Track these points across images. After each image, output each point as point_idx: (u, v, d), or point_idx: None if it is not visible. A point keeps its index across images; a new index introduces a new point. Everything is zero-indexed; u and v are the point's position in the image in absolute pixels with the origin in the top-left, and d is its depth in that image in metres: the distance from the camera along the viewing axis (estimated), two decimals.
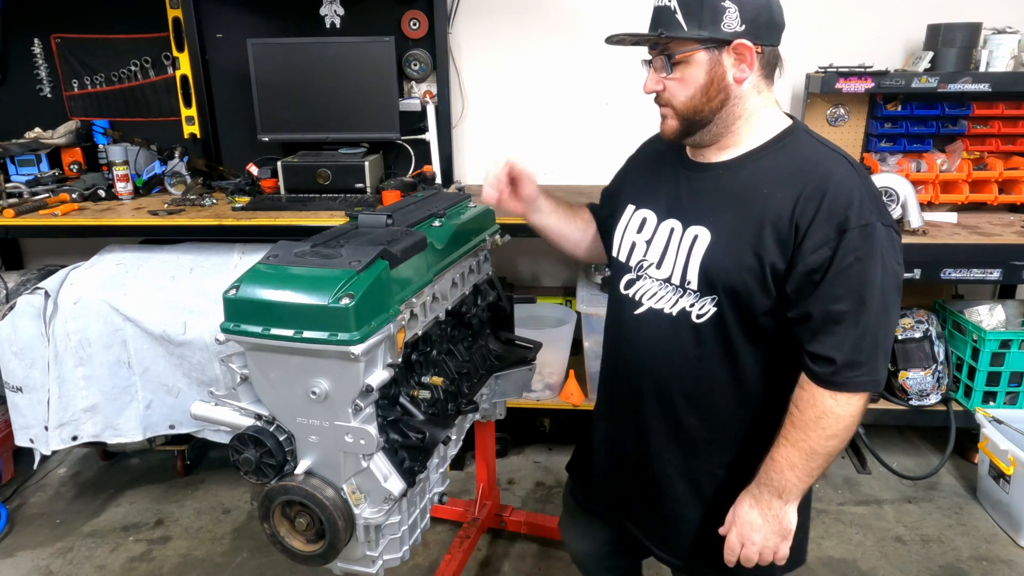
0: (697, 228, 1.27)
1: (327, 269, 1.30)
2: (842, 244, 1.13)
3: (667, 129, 1.30)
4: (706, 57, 1.21)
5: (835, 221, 1.13)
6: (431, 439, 1.46)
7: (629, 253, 1.39)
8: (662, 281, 1.32)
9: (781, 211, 1.17)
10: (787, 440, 1.22)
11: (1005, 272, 2.48)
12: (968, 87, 2.55)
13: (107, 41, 3.01)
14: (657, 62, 1.25)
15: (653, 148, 1.49)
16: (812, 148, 1.24)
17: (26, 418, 2.41)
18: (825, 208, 1.14)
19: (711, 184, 1.29)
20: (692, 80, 1.23)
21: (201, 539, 2.55)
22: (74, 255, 2.68)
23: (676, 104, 1.25)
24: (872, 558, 2.40)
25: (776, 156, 1.24)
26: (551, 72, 3.00)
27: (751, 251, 1.20)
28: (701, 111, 1.24)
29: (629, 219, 1.41)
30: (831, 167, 1.19)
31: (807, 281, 1.16)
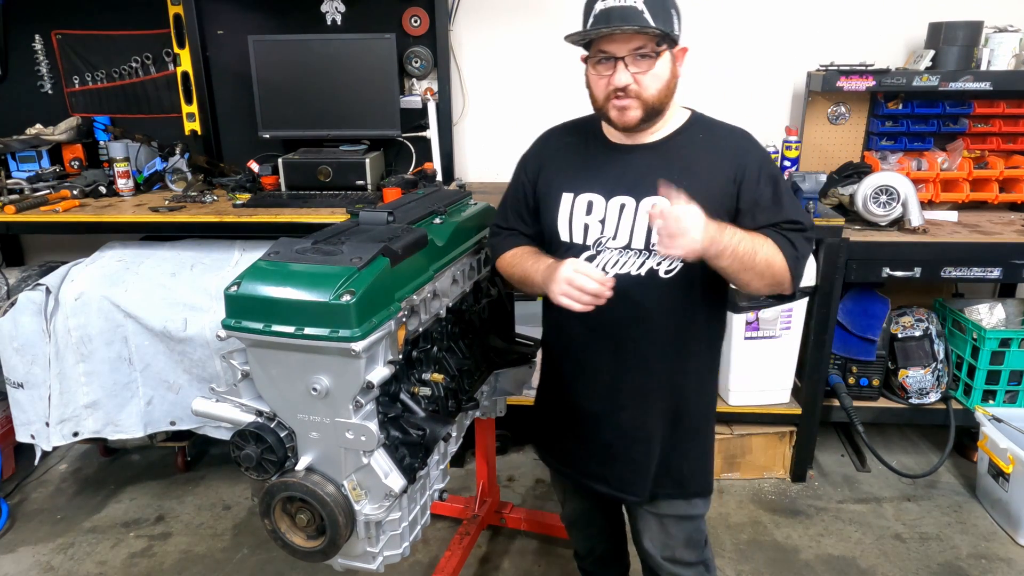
0: (654, 198, 1.43)
1: (328, 266, 1.30)
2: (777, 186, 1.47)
3: (629, 119, 1.43)
4: (668, 55, 1.42)
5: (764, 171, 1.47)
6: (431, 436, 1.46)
7: (584, 234, 1.52)
8: (621, 249, 1.49)
9: (723, 171, 1.46)
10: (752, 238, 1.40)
11: (1005, 271, 2.48)
12: (969, 85, 2.55)
13: (108, 37, 3.01)
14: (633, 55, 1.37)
15: (560, 142, 1.65)
16: (718, 125, 1.54)
17: (27, 414, 2.41)
18: (752, 163, 1.46)
19: (654, 161, 1.49)
20: (660, 74, 1.41)
21: (202, 535, 2.56)
22: (75, 251, 2.68)
23: (646, 96, 1.41)
24: (871, 556, 2.41)
25: (696, 134, 1.51)
26: (552, 69, 2.99)
27: (709, 208, 1.36)
28: (663, 102, 1.44)
29: (572, 206, 1.53)
30: (739, 135, 1.52)
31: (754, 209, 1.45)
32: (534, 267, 1.55)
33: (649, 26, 1.33)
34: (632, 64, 1.38)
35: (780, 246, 1.43)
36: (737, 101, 2.89)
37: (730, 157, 1.47)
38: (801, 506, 2.66)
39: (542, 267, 1.51)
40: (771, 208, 1.46)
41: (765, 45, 2.87)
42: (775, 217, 1.45)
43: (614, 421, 1.60)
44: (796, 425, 2.74)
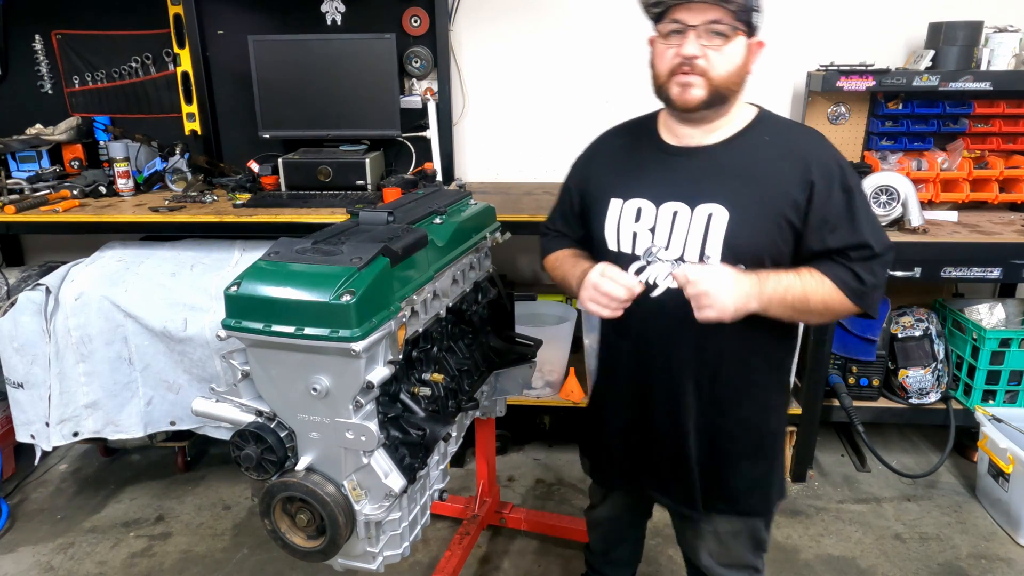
0: (709, 207, 1.35)
1: (328, 266, 1.30)
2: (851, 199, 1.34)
3: (691, 98, 1.33)
4: (744, 41, 1.33)
5: (837, 183, 1.34)
6: (431, 436, 1.46)
7: (632, 243, 1.43)
8: (674, 261, 1.39)
9: (790, 179, 1.34)
10: (800, 278, 1.34)
11: (1005, 271, 2.48)
12: (969, 85, 2.55)
13: (108, 37, 3.01)
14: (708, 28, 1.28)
15: (612, 144, 1.56)
16: (788, 127, 1.45)
17: (27, 414, 2.41)
18: (824, 170, 1.34)
19: (712, 165, 1.38)
20: (733, 56, 1.31)
21: (202, 535, 2.56)
22: (75, 252, 2.68)
23: (713, 74, 1.31)
24: (871, 556, 2.41)
25: (761, 135, 1.40)
26: (552, 69, 3.00)
27: (771, 221, 1.33)
28: (729, 88, 1.34)
29: (621, 212, 1.44)
30: (812, 140, 1.40)
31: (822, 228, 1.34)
32: (572, 271, 1.53)
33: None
34: (704, 37, 1.29)
35: (841, 282, 1.34)
36: None
37: (799, 163, 1.34)
38: (801, 506, 2.66)
39: (579, 272, 1.48)
40: (841, 228, 1.34)
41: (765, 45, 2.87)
42: (845, 239, 1.33)
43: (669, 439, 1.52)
44: (796, 425, 2.74)
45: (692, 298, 1.28)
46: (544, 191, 2.86)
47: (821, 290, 1.34)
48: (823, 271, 1.36)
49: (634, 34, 2.89)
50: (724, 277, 1.27)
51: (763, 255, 1.36)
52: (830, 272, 1.35)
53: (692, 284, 1.27)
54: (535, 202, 2.68)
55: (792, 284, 1.33)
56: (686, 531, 1.66)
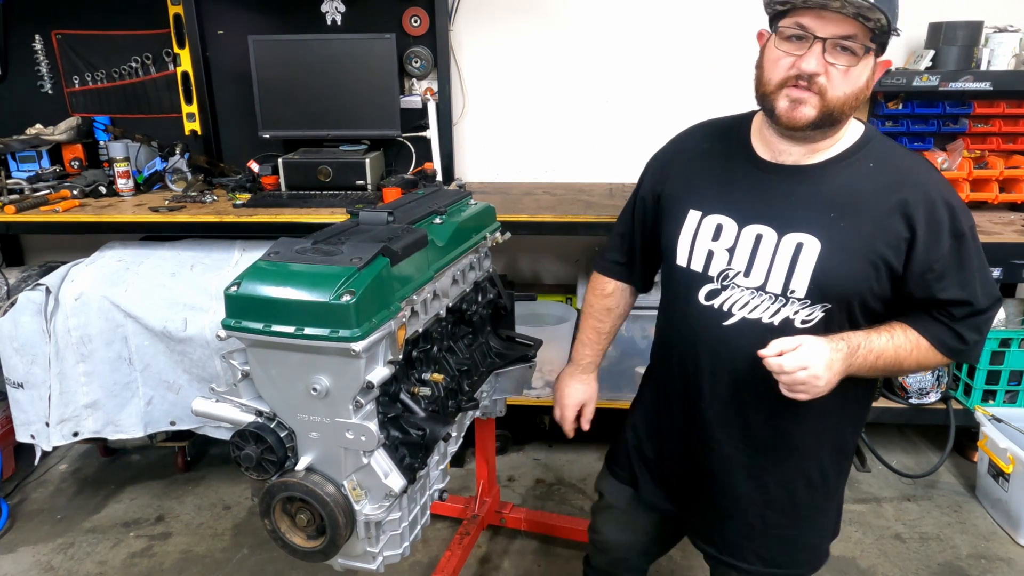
0: (800, 235, 1.23)
1: (328, 266, 1.30)
2: (961, 247, 1.21)
3: (801, 117, 1.18)
4: (871, 62, 1.19)
5: (946, 226, 1.20)
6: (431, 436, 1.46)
7: (707, 262, 1.32)
8: (754, 290, 1.28)
9: (893, 215, 1.20)
10: (893, 340, 1.24)
11: (1005, 271, 2.48)
12: (969, 85, 2.54)
13: (108, 37, 3.01)
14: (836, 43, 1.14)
15: (698, 147, 1.41)
16: (894, 152, 1.27)
17: (27, 414, 2.41)
18: (933, 210, 1.19)
19: (807, 188, 1.25)
20: (856, 78, 1.18)
21: (202, 535, 2.56)
22: (75, 252, 2.68)
23: (830, 96, 1.16)
24: (871, 556, 2.41)
25: (865, 161, 1.25)
26: (552, 70, 3.00)
27: (866, 260, 1.21)
28: (844, 111, 1.20)
29: (698, 226, 1.33)
30: (922, 172, 1.24)
31: (926, 276, 1.22)
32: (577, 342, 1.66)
33: (874, 7, 1.10)
34: (830, 53, 1.14)
35: (939, 343, 1.24)
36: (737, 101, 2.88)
37: (904, 197, 1.19)
38: None
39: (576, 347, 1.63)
40: (948, 279, 1.21)
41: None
42: (949, 292, 1.21)
43: (727, 483, 1.42)
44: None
45: (785, 384, 1.18)
46: (544, 191, 2.86)
47: (916, 353, 1.24)
48: (919, 329, 1.25)
49: (634, 34, 2.91)
50: (821, 363, 1.15)
51: (852, 296, 1.24)
52: (928, 331, 1.25)
53: (789, 375, 1.16)
54: (535, 202, 2.68)
55: (885, 349, 1.23)
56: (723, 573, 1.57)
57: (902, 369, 1.27)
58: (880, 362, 1.23)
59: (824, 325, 1.25)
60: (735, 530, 1.45)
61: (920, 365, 1.28)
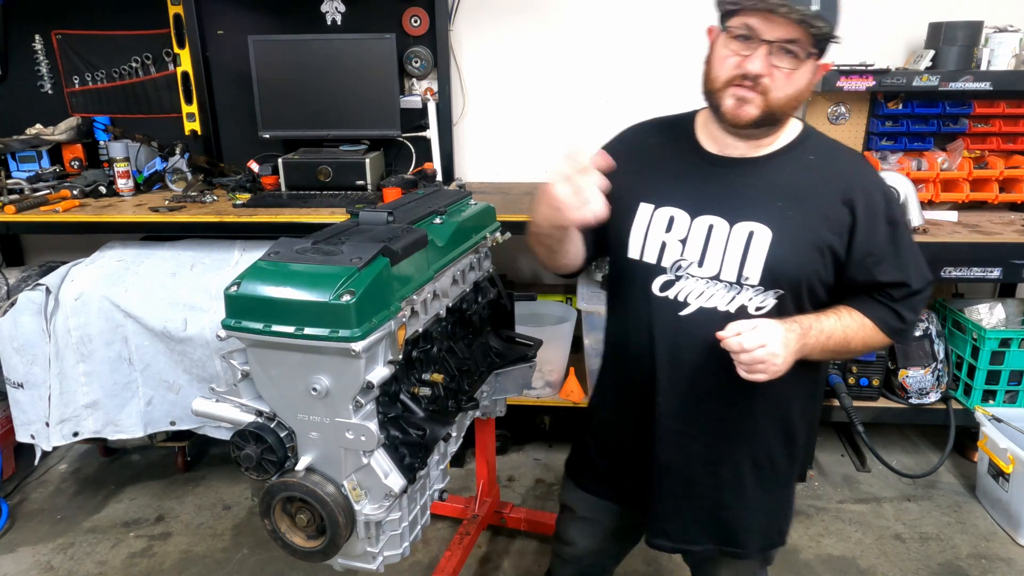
0: (751, 224, 1.28)
1: (328, 266, 1.30)
2: (896, 232, 1.30)
3: (744, 115, 1.23)
4: (812, 66, 1.23)
5: (882, 214, 1.29)
6: (431, 436, 1.46)
7: (660, 254, 1.34)
8: (708, 279, 1.31)
9: (834, 204, 1.28)
10: (841, 321, 1.31)
11: (1005, 271, 2.48)
12: (969, 85, 2.54)
13: (108, 37, 3.01)
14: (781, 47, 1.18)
15: (645, 142, 1.44)
16: (832, 147, 1.36)
17: (27, 414, 2.41)
18: (869, 198, 1.28)
19: (755, 180, 1.31)
20: (798, 80, 1.22)
21: (202, 535, 2.56)
22: (75, 252, 2.68)
23: (773, 96, 1.22)
24: (871, 556, 2.41)
25: (805, 155, 1.32)
26: (552, 69, 3.00)
27: (814, 246, 1.27)
28: (786, 111, 1.26)
29: (651, 219, 1.35)
30: (858, 165, 1.35)
31: (866, 260, 1.29)
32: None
33: (818, 16, 1.14)
34: (775, 56, 1.18)
35: (881, 322, 1.31)
36: None
37: (844, 188, 1.28)
38: (801, 506, 2.66)
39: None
40: (886, 263, 1.29)
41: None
42: (889, 275, 1.30)
43: (684, 471, 1.43)
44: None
45: (744, 363, 1.21)
46: None
47: (862, 332, 1.31)
48: (862, 310, 1.32)
49: (634, 34, 2.91)
50: (778, 341, 1.19)
51: (802, 281, 1.29)
52: (870, 312, 1.32)
53: (749, 353, 1.19)
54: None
55: (834, 330, 1.29)
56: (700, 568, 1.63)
57: (849, 350, 1.33)
58: (831, 342, 1.29)
59: (777, 311, 1.30)
60: (687, 516, 1.48)
61: (866, 345, 1.35)
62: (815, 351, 1.28)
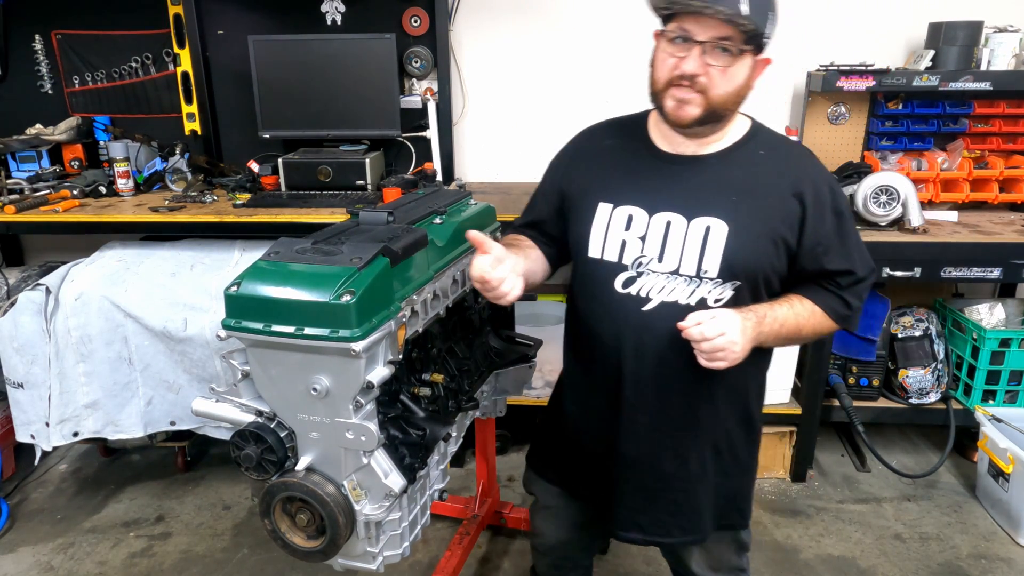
0: (707, 219, 1.32)
1: (328, 266, 1.30)
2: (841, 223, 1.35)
3: (686, 115, 1.29)
4: (750, 61, 1.28)
5: (829, 205, 1.34)
6: (431, 436, 1.46)
7: (620, 252, 1.38)
8: (669, 274, 1.35)
9: (785, 198, 1.33)
10: (793, 309, 1.36)
11: (1005, 271, 2.48)
12: (969, 85, 2.55)
13: (108, 37, 3.01)
14: (715, 45, 1.23)
15: (600, 143, 1.49)
16: (780, 141, 1.42)
17: (27, 414, 2.42)
18: (817, 192, 1.33)
19: (709, 176, 1.35)
20: (735, 76, 1.27)
21: (202, 535, 2.56)
22: (75, 252, 2.68)
23: (712, 95, 1.26)
24: (871, 556, 2.41)
25: (755, 150, 1.37)
26: (552, 69, 3.00)
27: (768, 238, 1.32)
28: (727, 108, 1.30)
29: (610, 218, 1.39)
30: (804, 158, 1.40)
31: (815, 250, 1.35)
32: None
33: (743, 16, 1.19)
34: (709, 55, 1.24)
35: (830, 310, 1.37)
36: None
37: (794, 181, 1.33)
38: (801, 506, 2.66)
39: None
40: (832, 251, 1.35)
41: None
42: (836, 263, 1.35)
43: (653, 464, 1.47)
44: (796, 425, 2.74)
45: (705, 352, 1.24)
46: None
47: (812, 320, 1.37)
48: (812, 298, 1.38)
49: (633, 34, 2.91)
50: (736, 329, 1.23)
51: (758, 272, 1.34)
52: (820, 300, 1.38)
53: (710, 341, 1.23)
54: None
55: (787, 318, 1.34)
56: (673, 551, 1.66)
57: (800, 336, 1.39)
58: (784, 330, 1.34)
59: (734, 302, 1.35)
60: (658, 508, 1.50)
61: (815, 332, 1.40)
62: (770, 338, 1.34)
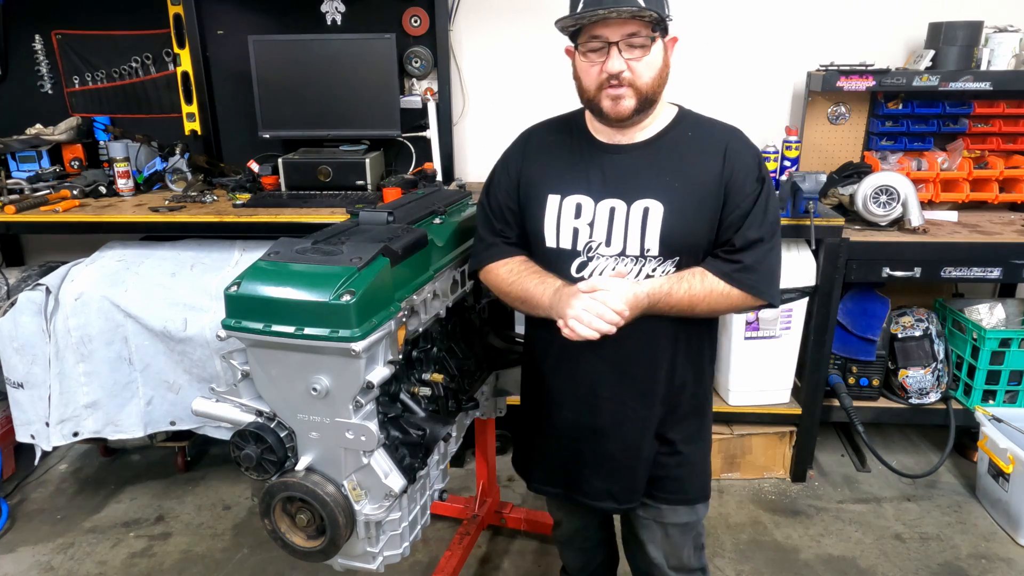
0: (645, 202, 1.41)
1: (328, 266, 1.30)
2: (762, 190, 1.42)
3: (623, 109, 1.38)
4: (660, 43, 1.38)
5: (753, 175, 1.42)
6: (431, 436, 1.46)
7: (573, 239, 1.46)
8: (616, 256, 1.44)
9: (711, 174, 1.41)
10: (688, 286, 1.41)
11: (1005, 271, 2.48)
12: (969, 85, 2.55)
13: (108, 37, 3.01)
14: (627, 42, 1.33)
15: (544, 139, 1.58)
16: (708, 123, 1.49)
17: (27, 414, 2.42)
18: (743, 165, 1.42)
19: (645, 161, 1.44)
20: (654, 62, 1.37)
21: (202, 535, 2.56)
22: (75, 252, 2.68)
23: (640, 84, 1.36)
24: (871, 556, 2.41)
25: (684, 133, 1.46)
26: (552, 69, 2.99)
27: (701, 213, 1.41)
28: (656, 92, 1.40)
29: (560, 208, 1.47)
30: (731, 133, 1.46)
31: (737, 219, 1.41)
32: (539, 288, 1.45)
33: (644, 9, 1.29)
34: (626, 51, 1.34)
35: (731, 280, 1.41)
36: (737, 101, 2.89)
37: (720, 157, 1.42)
38: (801, 506, 2.66)
39: (550, 290, 1.42)
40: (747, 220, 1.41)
41: (765, 45, 2.87)
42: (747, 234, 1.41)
43: (617, 435, 1.54)
44: (796, 425, 2.74)
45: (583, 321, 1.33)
46: None
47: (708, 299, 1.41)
48: (711, 269, 1.42)
49: None
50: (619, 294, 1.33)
51: (696, 247, 1.43)
52: (717, 269, 1.42)
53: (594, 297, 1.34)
54: None
55: (673, 292, 1.39)
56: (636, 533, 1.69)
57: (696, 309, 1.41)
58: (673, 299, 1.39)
59: None
60: (628, 477, 1.58)
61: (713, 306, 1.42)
62: (657, 309, 1.40)
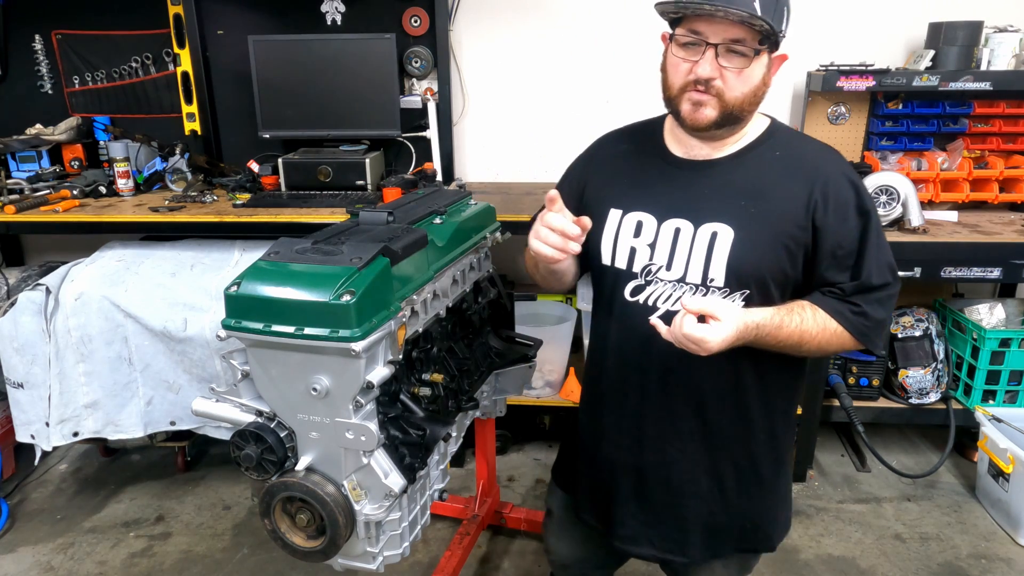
0: (714, 225, 1.28)
1: (328, 266, 1.30)
2: (869, 225, 1.26)
3: (702, 119, 1.24)
4: (765, 59, 1.24)
5: (851, 206, 1.26)
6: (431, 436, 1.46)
7: (630, 259, 1.35)
8: (675, 282, 1.31)
9: (796, 202, 1.26)
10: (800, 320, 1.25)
11: (1005, 271, 2.48)
12: (969, 85, 2.54)
13: (108, 37, 3.01)
14: (728, 47, 1.19)
15: (615, 150, 1.47)
16: (799, 141, 1.36)
17: (27, 414, 2.41)
18: (838, 194, 1.25)
19: (719, 180, 1.31)
20: (750, 77, 1.23)
21: (202, 535, 2.56)
22: (75, 251, 2.68)
23: (729, 97, 1.23)
24: (871, 556, 2.41)
25: (771, 151, 1.31)
26: (552, 69, 3.00)
27: (779, 243, 1.26)
28: (745, 110, 1.26)
29: (619, 224, 1.36)
30: (826, 157, 1.31)
31: (843, 259, 1.26)
32: None
33: (757, 17, 1.14)
34: (723, 57, 1.20)
35: (845, 322, 1.26)
36: None
37: (810, 182, 1.25)
38: (801, 506, 2.66)
39: None
40: (851, 259, 1.25)
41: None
42: (868, 279, 1.25)
43: (661, 476, 1.42)
44: (796, 425, 2.74)
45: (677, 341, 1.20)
46: (544, 191, 2.85)
47: (819, 337, 1.26)
48: (824, 307, 1.27)
49: (634, 34, 2.91)
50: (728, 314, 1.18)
51: (767, 279, 1.28)
52: (838, 312, 1.27)
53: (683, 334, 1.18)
54: (535, 202, 2.67)
55: (785, 325, 1.24)
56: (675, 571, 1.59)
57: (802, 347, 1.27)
58: (783, 333, 1.24)
59: None
60: (671, 525, 1.46)
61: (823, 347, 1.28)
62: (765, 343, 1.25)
